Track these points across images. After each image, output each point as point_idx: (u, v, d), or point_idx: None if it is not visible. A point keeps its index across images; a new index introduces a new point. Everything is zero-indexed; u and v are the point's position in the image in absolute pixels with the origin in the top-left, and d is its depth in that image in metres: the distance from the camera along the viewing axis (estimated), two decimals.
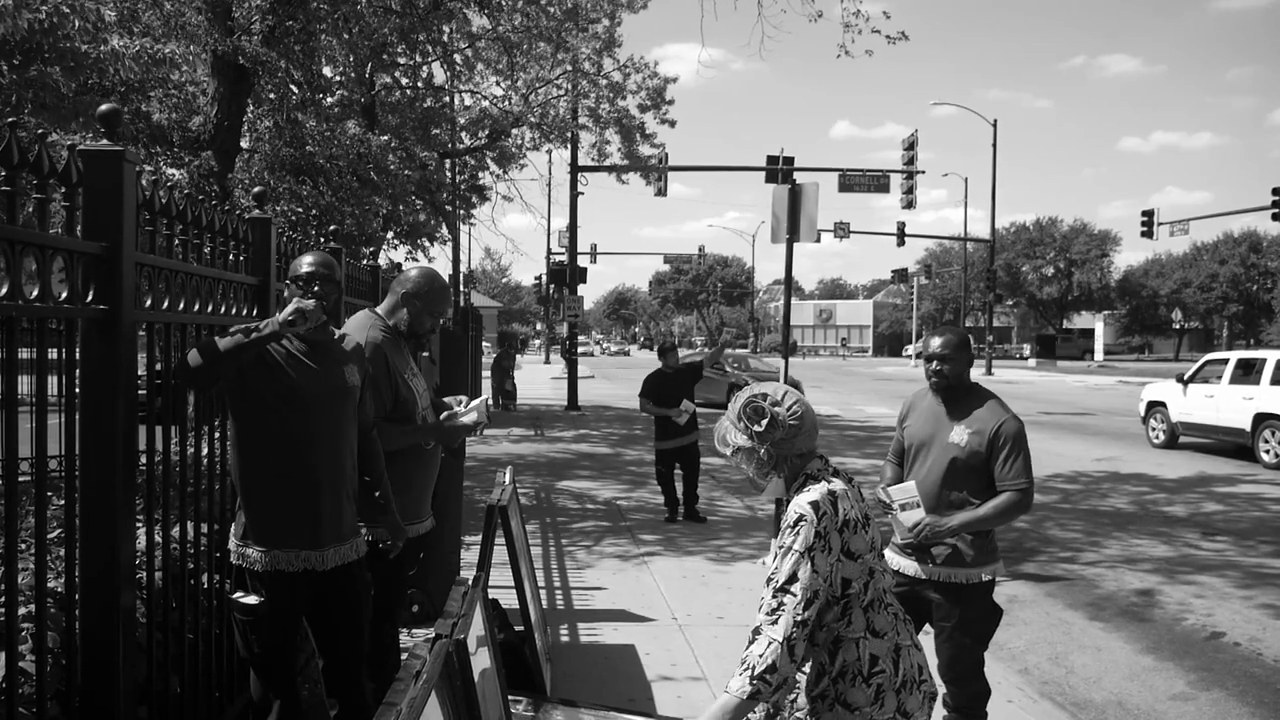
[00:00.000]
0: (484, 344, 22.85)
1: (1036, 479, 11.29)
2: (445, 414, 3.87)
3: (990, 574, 3.70)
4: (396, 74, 18.30)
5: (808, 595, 2.18)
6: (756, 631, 2.21)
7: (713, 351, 10.08)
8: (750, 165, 25.67)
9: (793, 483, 2.37)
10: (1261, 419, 13.55)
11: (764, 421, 2.34)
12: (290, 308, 2.96)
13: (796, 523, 2.24)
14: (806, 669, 2.31)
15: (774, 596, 2.21)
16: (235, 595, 3.15)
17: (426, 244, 21.91)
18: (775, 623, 2.18)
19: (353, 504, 3.30)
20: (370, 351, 3.58)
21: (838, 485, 2.31)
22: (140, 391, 2.85)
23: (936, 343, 3.76)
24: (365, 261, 8.16)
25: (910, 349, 70.33)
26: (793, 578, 2.20)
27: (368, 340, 3.61)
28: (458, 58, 18.83)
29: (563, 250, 34.40)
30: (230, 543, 3.18)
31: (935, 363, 3.73)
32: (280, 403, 3.08)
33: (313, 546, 3.13)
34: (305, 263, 3.23)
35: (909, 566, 3.74)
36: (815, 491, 2.28)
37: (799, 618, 2.17)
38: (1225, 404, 14.27)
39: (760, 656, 2.16)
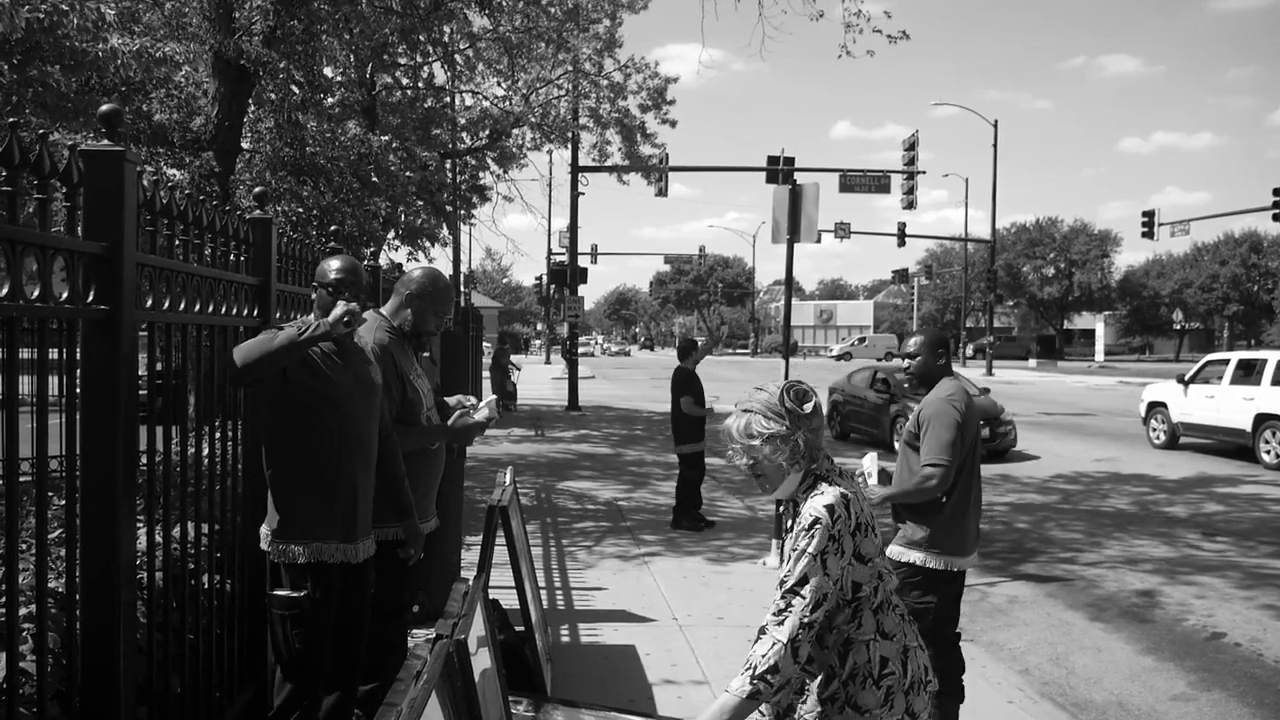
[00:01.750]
0: (485, 344, 22.82)
1: (1037, 479, 11.20)
2: (455, 415, 3.88)
3: (923, 560, 3.84)
4: (397, 74, 18.30)
5: (816, 598, 2.18)
6: (762, 631, 2.21)
7: (704, 345, 9.60)
8: (750, 165, 25.71)
9: (802, 481, 2.36)
10: (1262, 419, 13.54)
11: (809, 405, 2.33)
12: (340, 309, 3.10)
13: (811, 525, 2.23)
14: (815, 670, 2.31)
15: (783, 598, 2.20)
16: (277, 591, 3.20)
17: (427, 244, 21.92)
18: (781, 624, 2.17)
19: (371, 500, 3.45)
20: (377, 353, 3.60)
21: (849, 488, 2.32)
22: (141, 391, 2.85)
23: (905, 343, 4.23)
24: (366, 262, 8.15)
25: (837, 348, 70.13)
26: (803, 580, 2.19)
27: (374, 341, 3.62)
28: (458, 58, 18.84)
29: (563, 250, 34.41)
30: (264, 542, 3.27)
31: (906, 360, 4.17)
32: (320, 401, 3.20)
33: (348, 540, 3.27)
34: (334, 269, 3.38)
35: None
36: (830, 495, 2.27)
37: (805, 620, 2.17)
38: (1226, 404, 14.26)
39: (763, 657, 2.16)
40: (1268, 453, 13.36)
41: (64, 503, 2.56)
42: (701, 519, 8.64)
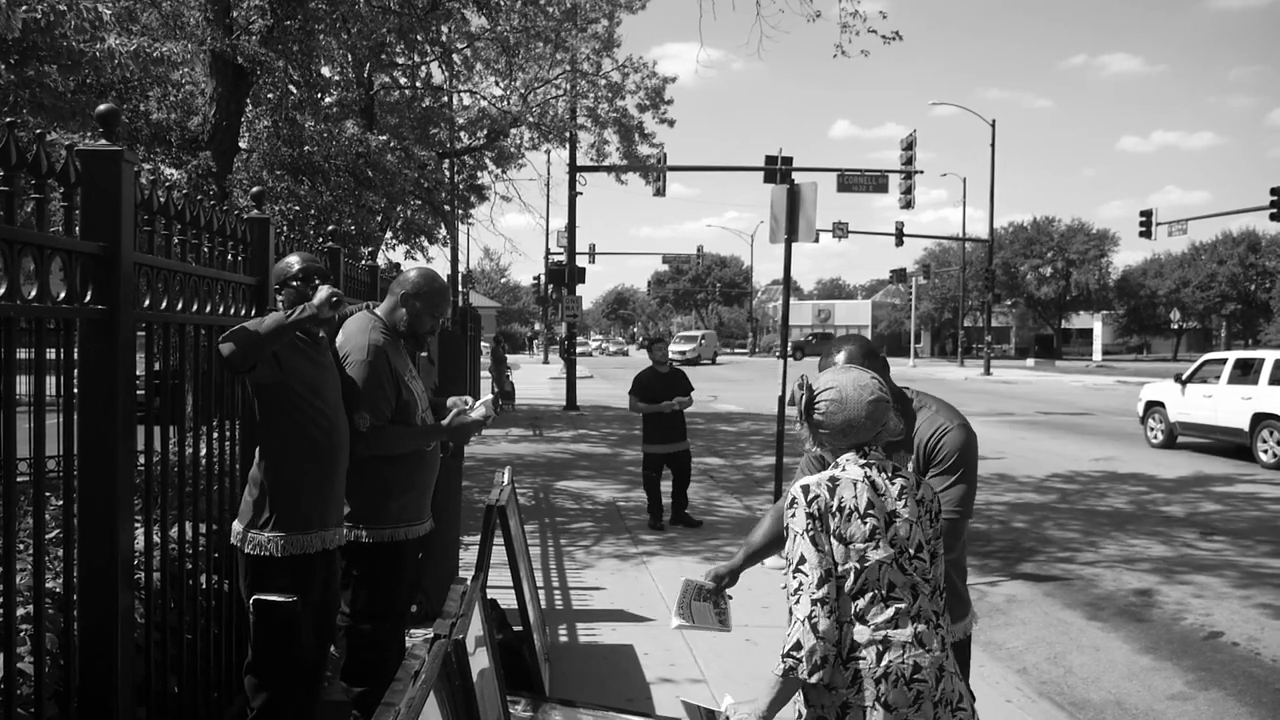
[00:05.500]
0: (483, 344, 22.85)
1: (1034, 478, 11.18)
2: (452, 413, 3.88)
3: None
4: (395, 74, 18.30)
5: (819, 574, 2.26)
6: (790, 613, 2.31)
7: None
8: (749, 165, 25.70)
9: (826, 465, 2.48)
10: (1260, 419, 13.56)
11: (789, 399, 2.50)
12: (325, 291, 3.13)
13: (791, 504, 2.35)
14: None
15: (793, 577, 2.31)
16: (266, 596, 3.20)
17: (425, 244, 21.93)
18: (798, 602, 2.27)
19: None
20: (371, 354, 3.59)
21: (850, 473, 2.36)
22: (139, 391, 2.85)
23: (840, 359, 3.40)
24: (364, 261, 8.15)
25: (687, 348, 64.65)
26: (801, 558, 2.29)
27: (369, 342, 3.61)
28: (456, 58, 18.83)
29: (561, 250, 34.41)
30: (249, 543, 3.25)
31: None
32: (311, 393, 3.26)
33: (332, 527, 3.40)
34: (294, 262, 3.42)
35: None
36: (815, 477, 2.37)
37: (815, 595, 2.25)
38: (1223, 404, 14.27)
39: (788, 635, 2.27)
40: (1265, 452, 13.38)
41: (61, 503, 2.56)
42: (655, 517, 8.61)
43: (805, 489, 2.33)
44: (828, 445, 2.46)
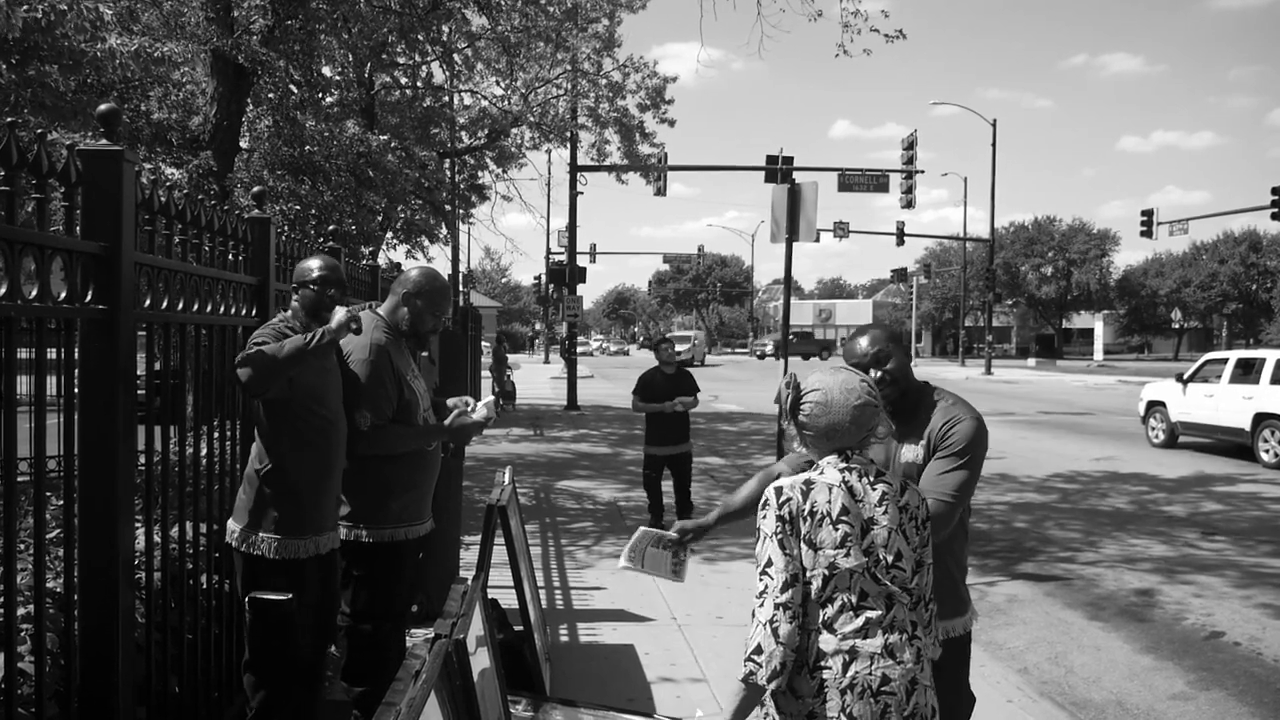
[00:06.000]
0: (484, 344, 22.85)
1: (1035, 478, 11.18)
2: (453, 414, 3.88)
3: None
4: (396, 73, 18.31)
5: (784, 578, 2.23)
6: (753, 615, 2.28)
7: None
8: (750, 165, 25.70)
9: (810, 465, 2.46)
10: (1261, 418, 13.55)
11: (776, 398, 2.49)
12: (343, 315, 3.20)
13: (763, 506, 2.32)
14: None
15: (759, 579, 2.28)
16: (263, 595, 3.23)
17: (426, 243, 21.94)
18: (762, 605, 2.25)
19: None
20: (374, 353, 3.60)
21: (827, 477, 2.32)
22: (139, 391, 2.85)
23: (864, 344, 2.88)
24: (365, 261, 8.16)
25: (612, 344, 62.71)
26: (768, 561, 2.27)
27: (371, 341, 3.61)
28: (457, 57, 18.83)
29: (562, 250, 34.42)
30: (248, 544, 3.28)
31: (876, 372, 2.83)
32: (314, 400, 3.30)
33: (328, 530, 3.43)
34: (315, 267, 3.44)
35: None
36: (790, 479, 2.34)
37: (778, 600, 2.22)
38: (1225, 403, 14.27)
39: (750, 638, 2.24)
40: (1266, 452, 13.37)
41: (62, 502, 2.56)
42: (656, 516, 8.55)
43: (778, 491, 2.29)
44: (812, 447, 2.42)
